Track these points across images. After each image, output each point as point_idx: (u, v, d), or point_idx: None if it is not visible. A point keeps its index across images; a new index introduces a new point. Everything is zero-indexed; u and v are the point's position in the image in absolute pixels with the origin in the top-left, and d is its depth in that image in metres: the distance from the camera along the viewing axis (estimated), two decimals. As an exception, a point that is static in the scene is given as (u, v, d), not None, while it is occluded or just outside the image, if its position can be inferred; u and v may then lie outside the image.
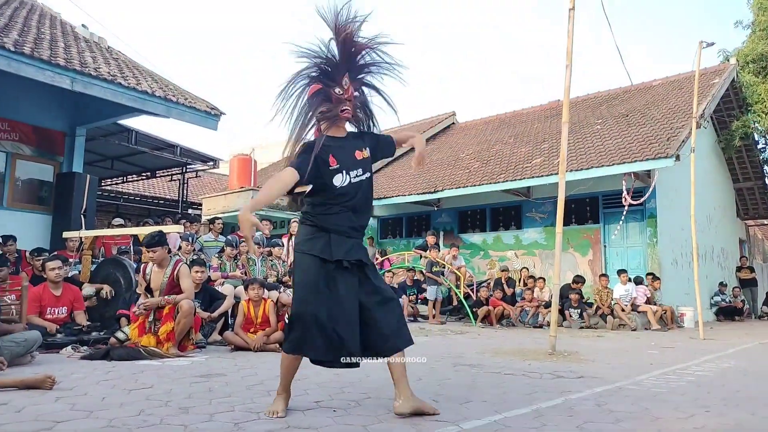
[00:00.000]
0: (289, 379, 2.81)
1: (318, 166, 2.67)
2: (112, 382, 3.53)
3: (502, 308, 9.91)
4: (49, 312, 5.56)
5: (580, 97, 16.22)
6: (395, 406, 2.69)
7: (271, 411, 2.67)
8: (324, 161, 2.70)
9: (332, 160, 2.71)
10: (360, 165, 2.79)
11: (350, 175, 2.75)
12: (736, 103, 14.40)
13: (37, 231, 8.83)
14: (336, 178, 2.71)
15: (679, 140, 9.75)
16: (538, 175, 10.98)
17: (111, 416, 2.59)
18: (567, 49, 6.08)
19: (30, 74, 7.01)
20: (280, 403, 2.73)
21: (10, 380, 3.23)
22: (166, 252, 5.25)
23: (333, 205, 2.73)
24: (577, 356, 5.39)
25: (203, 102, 9.36)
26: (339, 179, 2.71)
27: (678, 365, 4.92)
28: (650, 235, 11.02)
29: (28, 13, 9.76)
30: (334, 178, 2.70)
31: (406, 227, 15.11)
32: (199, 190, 20.15)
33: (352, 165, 2.77)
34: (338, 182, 2.71)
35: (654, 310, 9.71)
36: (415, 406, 2.67)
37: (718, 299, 13.37)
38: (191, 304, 5.11)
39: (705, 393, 3.54)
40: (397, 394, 2.71)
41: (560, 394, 3.35)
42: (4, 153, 8.88)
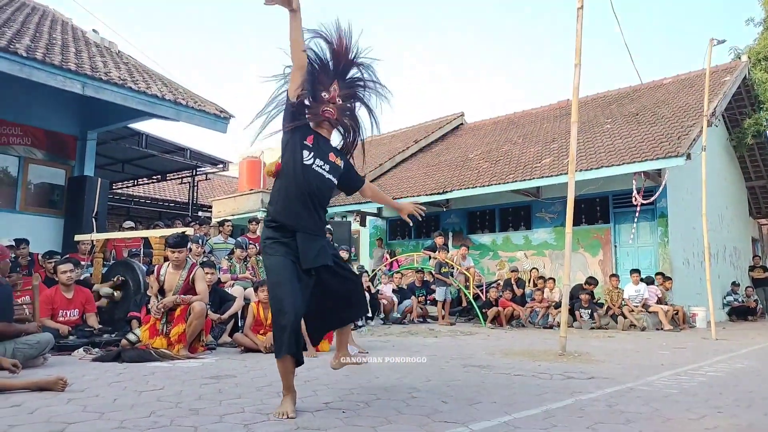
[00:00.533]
0: (290, 378, 2.81)
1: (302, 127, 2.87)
2: (123, 383, 3.55)
3: (511, 309, 9.87)
4: (61, 314, 5.62)
5: (590, 96, 16.14)
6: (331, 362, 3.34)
7: (280, 412, 2.68)
8: (303, 133, 2.88)
9: (310, 139, 2.89)
10: (329, 164, 2.94)
11: (317, 163, 2.88)
12: (748, 101, 14.27)
13: (49, 234, 8.93)
14: (305, 153, 2.85)
15: (690, 139, 9.66)
16: (548, 175, 10.93)
17: (122, 417, 2.61)
18: (576, 48, 6.05)
19: (42, 79, 7.10)
20: (289, 403, 2.74)
21: (23, 382, 3.27)
22: (187, 253, 5.31)
23: (293, 188, 2.84)
24: (587, 357, 5.36)
25: (212, 105, 9.42)
26: (306, 155, 2.85)
27: (690, 366, 4.87)
28: (661, 235, 10.93)
29: (39, 18, 9.87)
30: (304, 151, 2.86)
31: (415, 228, 15.10)
32: (208, 192, 20.27)
33: (323, 158, 2.91)
34: (306, 158, 2.85)
35: (665, 310, 9.62)
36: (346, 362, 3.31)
37: (730, 299, 13.23)
38: (203, 306, 5.15)
39: (717, 394, 3.51)
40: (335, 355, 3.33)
41: (570, 395, 3.33)
42: (17, 157, 8.99)
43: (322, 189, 2.92)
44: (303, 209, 2.85)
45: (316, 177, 2.88)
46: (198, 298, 5.15)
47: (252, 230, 9.63)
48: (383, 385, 3.60)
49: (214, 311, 6.05)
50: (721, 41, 8.82)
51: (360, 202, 13.99)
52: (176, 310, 5.07)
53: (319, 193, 2.91)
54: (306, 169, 2.84)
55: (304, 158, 2.85)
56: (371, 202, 13.74)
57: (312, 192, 2.86)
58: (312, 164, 2.86)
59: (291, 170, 2.85)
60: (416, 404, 3.01)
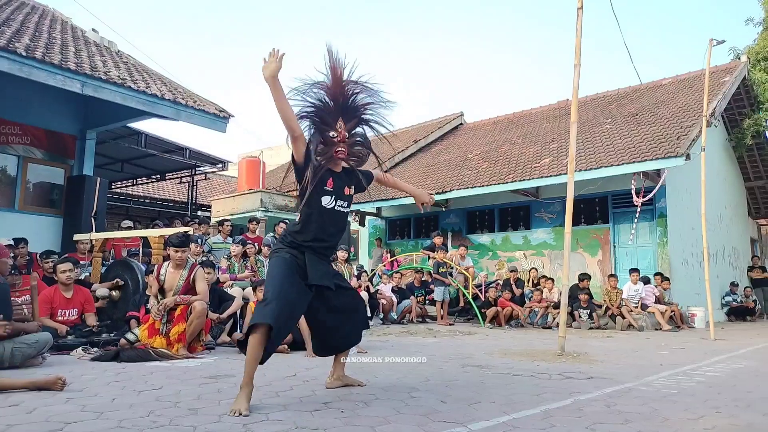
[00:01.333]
0: (253, 368, 2.85)
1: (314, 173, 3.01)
2: (122, 383, 3.55)
3: (510, 309, 9.88)
4: (60, 314, 5.62)
5: (589, 96, 16.15)
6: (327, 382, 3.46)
7: (233, 410, 2.67)
8: (323, 180, 3.07)
9: (330, 182, 3.10)
10: (346, 199, 3.20)
11: (336, 202, 3.13)
12: (747, 101, 14.28)
13: (48, 233, 8.92)
14: (324, 198, 3.08)
15: (690, 139, 9.67)
16: (547, 175, 10.94)
17: (121, 417, 2.61)
18: (576, 48, 6.05)
19: (41, 78, 7.09)
20: (243, 400, 2.73)
21: (21, 381, 3.27)
22: (189, 252, 5.31)
23: (312, 224, 3.09)
24: (586, 357, 5.36)
25: (212, 104, 9.42)
26: (326, 200, 3.09)
27: (688, 366, 4.88)
28: (660, 235, 10.94)
29: (39, 18, 9.87)
30: (323, 197, 3.08)
31: (414, 228, 15.11)
32: (208, 192, 20.26)
33: (341, 196, 3.15)
34: (325, 202, 3.09)
35: (662, 309, 9.63)
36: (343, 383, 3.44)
37: (729, 299, 13.25)
38: (204, 305, 5.14)
39: (716, 394, 3.51)
40: (331, 373, 3.48)
41: (569, 395, 3.34)
42: (16, 156, 8.97)
43: (340, 222, 3.22)
44: (322, 237, 3.13)
45: (337, 215, 3.17)
46: (198, 297, 5.15)
47: (251, 230, 9.63)
48: (382, 385, 3.60)
49: (213, 311, 6.05)
50: (720, 41, 8.83)
51: (359, 201, 13.99)
52: (177, 309, 5.06)
53: (337, 225, 3.21)
54: (328, 212, 3.11)
55: (326, 204, 3.09)
56: (370, 202, 13.77)
57: (332, 227, 3.17)
58: (333, 207, 3.12)
59: (316, 212, 3.08)
60: (415, 404, 3.01)
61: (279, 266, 3.04)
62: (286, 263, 3.03)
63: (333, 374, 3.47)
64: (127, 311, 6.09)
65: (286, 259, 3.05)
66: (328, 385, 3.43)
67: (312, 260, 3.08)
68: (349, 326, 3.39)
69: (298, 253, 3.09)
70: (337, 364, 3.48)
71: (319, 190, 3.06)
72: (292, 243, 3.11)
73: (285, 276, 2.98)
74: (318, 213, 3.08)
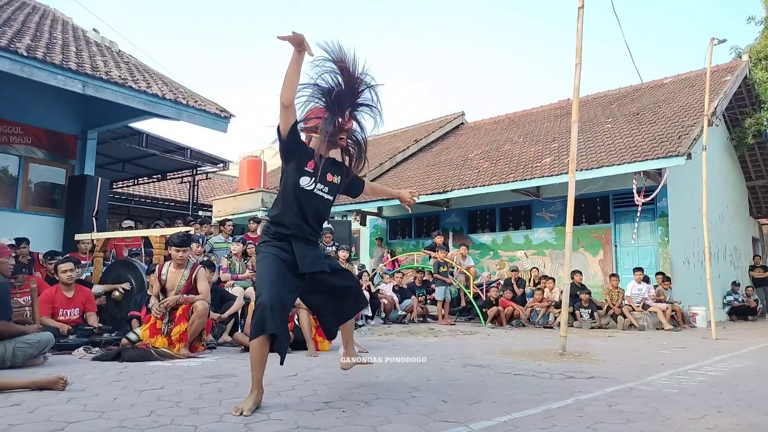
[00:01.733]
0: (261, 371, 2.84)
1: (300, 155, 2.98)
2: (123, 383, 3.55)
3: (512, 308, 9.88)
4: (62, 313, 5.63)
5: (590, 95, 16.14)
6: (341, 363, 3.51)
7: (238, 408, 2.68)
8: (302, 159, 3.00)
9: (310, 165, 3.00)
10: (328, 185, 3.10)
11: (316, 185, 3.04)
12: (749, 101, 14.26)
13: (49, 233, 8.93)
14: (304, 179, 3.00)
15: (691, 138, 9.66)
16: (548, 174, 10.93)
17: (122, 417, 2.61)
18: (577, 48, 6.05)
19: (42, 78, 7.09)
20: (250, 401, 2.74)
21: (23, 381, 3.27)
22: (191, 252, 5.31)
23: (289, 207, 3.01)
24: (587, 356, 5.36)
25: (213, 104, 9.42)
26: (305, 181, 3.00)
27: (690, 365, 4.87)
28: (662, 234, 10.93)
29: (40, 18, 9.87)
30: (303, 177, 3.00)
31: (415, 228, 15.11)
32: (209, 191, 20.27)
33: (323, 181, 3.06)
34: (303, 183, 3.00)
35: (663, 308, 9.62)
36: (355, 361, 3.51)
37: (731, 299, 13.23)
38: (206, 305, 5.15)
39: (717, 393, 3.51)
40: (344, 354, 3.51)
41: (570, 395, 3.33)
42: (17, 156, 8.98)
43: (320, 209, 3.12)
44: (302, 224, 3.03)
45: (317, 199, 3.07)
46: (200, 297, 5.16)
47: (252, 230, 9.63)
48: (383, 385, 3.60)
49: (214, 311, 6.05)
50: (721, 41, 8.82)
51: (360, 201, 13.99)
52: (178, 309, 5.07)
53: (318, 212, 3.11)
54: (306, 193, 3.02)
55: (305, 184, 3.00)
56: (371, 202, 13.77)
57: (312, 212, 3.06)
58: (313, 189, 3.03)
59: (292, 193, 3.01)
60: (416, 403, 3.01)
61: (266, 265, 2.95)
62: (272, 259, 2.95)
63: (345, 354, 3.52)
64: (129, 311, 6.10)
65: (272, 255, 2.96)
66: (342, 365, 3.50)
67: (300, 248, 3.00)
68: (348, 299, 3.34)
69: (285, 244, 3.00)
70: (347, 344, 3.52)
71: (297, 169, 2.99)
72: (276, 234, 3.02)
73: (274, 274, 2.90)
74: (294, 194, 2.99)
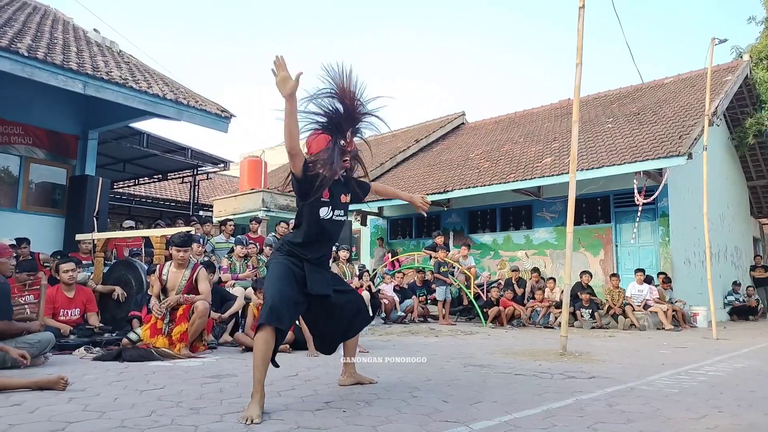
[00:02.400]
0: (264, 371, 2.81)
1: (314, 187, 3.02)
2: (124, 383, 3.56)
3: (512, 308, 9.87)
4: (63, 313, 5.63)
5: (591, 95, 16.12)
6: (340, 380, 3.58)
7: (246, 417, 2.57)
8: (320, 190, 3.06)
9: (326, 193, 3.11)
10: (342, 207, 3.24)
11: (334, 212, 3.17)
12: (750, 101, 14.25)
13: (50, 234, 8.93)
14: (322, 209, 3.12)
15: (692, 138, 9.65)
16: (549, 174, 10.92)
17: (123, 417, 2.61)
18: (577, 47, 6.05)
19: (43, 79, 7.10)
20: (255, 407, 2.66)
21: (24, 381, 3.28)
22: (191, 252, 5.32)
23: (311, 235, 3.13)
24: (588, 356, 5.36)
25: (214, 104, 9.42)
26: (324, 212, 3.12)
27: (690, 365, 4.87)
28: (662, 234, 10.93)
29: (41, 18, 9.88)
30: (321, 209, 3.11)
31: (416, 228, 15.10)
32: (210, 192, 20.27)
33: (337, 205, 3.19)
34: (323, 214, 3.12)
35: (664, 309, 9.62)
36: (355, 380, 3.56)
37: (731, 299, 13.22)
38: (207, 305, 5.15)
39: (718, 393, 3.51)
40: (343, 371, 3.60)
41: (571, 395, 3.33)
42: (18, 157, 8.99)
43: (337, 230, 3.28)
44: (319, 247, 3.20)
45: (334, 224, 3.21)
46: (201, 297, 5.16)
47: (253, 230, 9.64)
48: (384, 385, 3.60)
49: (215, 310, 6.05)
50: (722, 40, 8.81)
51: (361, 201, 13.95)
52: (179, 309, 5.07)
53: (335, 234, 3.27)
54: (325, 222, 3.14)
55: (324, 215, 3.13)
56: (372, 202, 13.77)
57: (330, 237, 3.23)
58: (331, 217, 3.16)
59: (314, 225, 3.12)
60: (417, 403, 3.01)
61: (278, 270, 3.06)
62: (284, 268, 3.06)
63: (345, 372, 3.59)
64: (129, 311, 6.10)
65: (284, 264, 3.08)
66: (340, 382, 3.55)
67: (310, 270, 3.12)
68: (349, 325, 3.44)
69: (296, 260, 3.12)
70: (347, 363, 3.58)
71: (317, 203, 3.09)
72: (291, 252, 3.13)
73: (284, 279, 3.01)
74: (316, 224, 3.12)
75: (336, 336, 3.46)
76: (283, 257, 3.12)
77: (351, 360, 3.57)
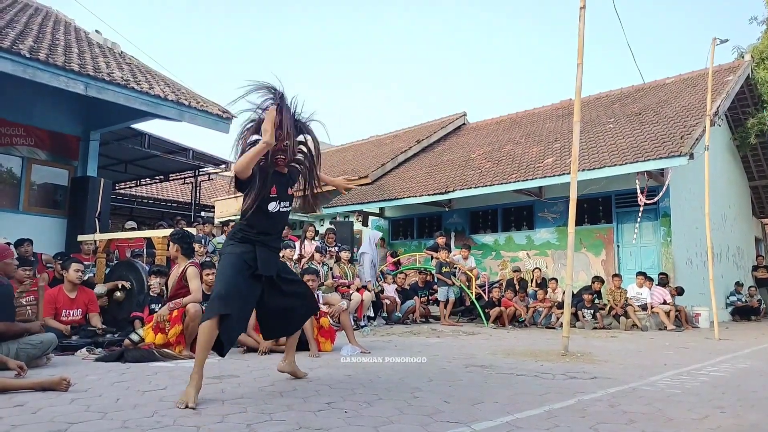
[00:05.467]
0: (205, 356, 3.10)
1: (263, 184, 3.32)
2: (126, 383, 3.56)
3: (514, 309, 9.86)
4: (65, 314, 5.64)
5: (592, 95, 16.11)
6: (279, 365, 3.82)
7: (182, 401, 2.82)
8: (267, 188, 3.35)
9: (274, 189, 3.38)
10: (288, 199, 3.52)
11: (281, 205, 3.44)
12: (751, 101, 14.23)
13: (52, 234, 8.95)
14: (271, 204, 3.38)
15: (693, 138, 9.63)
16: (550, 174, 10.91)
17: (125, 417, 2.62)
18: (578, 47, 6.04)
19: (45, 80, 7.11)
20: (192, 390, 2.91)
21: (26, 382, 3.28)
22: (174, 250, 5.27)
23: (261, 224, 3.38)
24: (590, 357, 5.35)
25: (215, 105, 9.43)
26: (273, 206, 3.39)
27: (692, 366, 4.87)
28: (664, 235, 10.91)
29: (42, 20, 9.90)
30: (270, 204, 3.38)
31: (417, 228, 15.10)
32: (211, 192, 20.31)
33: (284, 197, 3.46)
34: (271, 208, 3.39)
35: (666, 310, 9.60)
36: (292, 369, 3.79)
37: (733, 299, 13.19)
38: (198, 307, 5.03)
39: (720, 394, 3.50)
40: (284, 357, 3.82)
41: (573, 395, 3.33)
42: (20, 158, 9.01)
43: (284, 221, 3.59)
44: (268, 234, 3.45)
45: (281, 216, 3.49)
46: (190, 298, 5.07)
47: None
48: (385, 385, 3.60)
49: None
50: (723, 40, 8.80)
51: (362, 202, 14.00)
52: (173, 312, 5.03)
53: (282, 224, 3.59)
54: (273, 214, 3.41)
55: (272, 209, 3.39)
56: (373, 202, 13.79)
57: (278, 227, 3.53)
58: (278, 210, 3.43)
59: (262, 215, 3.37)
60: (418, 404, 3.01)
61: (229, 262, 3.27)
62: (236, 258, 3.27)
63: (285, 359, 3.82)
64: (131, 312, 6.11)
65: (236, 255, 3.28)
66: (279, 367, 3.81)
67: (262, 252, 3.33)
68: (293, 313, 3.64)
69: (249, 246, 3.33)
70: (289, 349, 3.82)
71: (265, 199, 3.35)
72: (243, 238, 3.35)
73: (235, 270, 3.22)
74: (265, 216, 3.38)
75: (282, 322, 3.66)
76: (235, 245, 3.33)
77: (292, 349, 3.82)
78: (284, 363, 3.80)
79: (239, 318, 3.22)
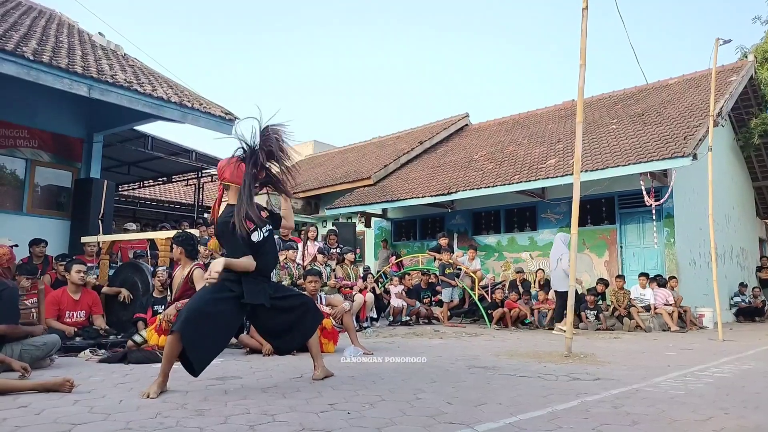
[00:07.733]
0: (169, 366, 3.31)
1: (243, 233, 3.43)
2: (129, 384, 3.57)
3: (517, 310, 9.85)
4: (68, 316, 5.65)
5: (595, 96, 16.09)
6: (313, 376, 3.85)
7: (145, 393, 3.16)
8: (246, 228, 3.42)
9: (250, 224, 3.45)
10: (265, 223, 3.61)
11: (262, 230, 3.57)
12: (755, 101, 14.19)
13: (56, 236, 8.97)
14: (254, 235, 3.51)
15: (696, 139, 9.61)
16: (553, 175, 10.89)
17: (128, 419, 2.62)
18: (581, 48, 6.04)
19: (48, 82, 7.13)
20: (155, 386, 3.22)
21: (30, 383, 3.29)
22: (178, 252, 5.28)
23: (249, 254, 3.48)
24: (593, 358, 5.34)
25: (218, 107, 9.45)
26: (256, 236, 3.53)
27: (696, 367, 4.85)
28: (667, 235, 10.88)
29: (46, 22, 9.93)
30: (252, 235, 3.50)
31: (420, 229, 15.09)
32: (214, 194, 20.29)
33: (261, 223, 3.55)
34: (255, 238, 3.52)
35: (669, 310, 9.58)
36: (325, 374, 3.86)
37: (737, 300, 13.15)
38: None
39: (724, 395, 3.49)
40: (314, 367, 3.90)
41: (576, 397, 3.33)
42: (24, 160, 9.04)
43: (273, 245, 3.71)
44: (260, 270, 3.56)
45: (265, 240, 3.59)
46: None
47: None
48: (388, 386, 3.60)
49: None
50: (727, 41, 8.78)
51: (365, 203, 14.00)
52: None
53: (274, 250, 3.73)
54: (258, 243, 3.53)
55: (257, 239, 3.52)
56: (376, 203, 13.80)
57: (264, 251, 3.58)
58: (259, 239, 3.54)
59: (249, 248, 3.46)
60: (421, 405, 3.01)
61: (204, 288, 3.44)
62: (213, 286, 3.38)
63: (315, 368, 3.88)
64: (135, 313, 6.12)
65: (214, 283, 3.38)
66: (314, 377, 3.84)
67: (247, 282, 3.46)
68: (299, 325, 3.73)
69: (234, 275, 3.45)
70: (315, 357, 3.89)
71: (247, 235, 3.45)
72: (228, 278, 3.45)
73: (210, 291, 3.37)
74: (249, 247, 3.47)
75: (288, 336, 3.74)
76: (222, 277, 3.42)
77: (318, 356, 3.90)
78: (317, 372, 3.85)
79: (203, 339, 3.29)
